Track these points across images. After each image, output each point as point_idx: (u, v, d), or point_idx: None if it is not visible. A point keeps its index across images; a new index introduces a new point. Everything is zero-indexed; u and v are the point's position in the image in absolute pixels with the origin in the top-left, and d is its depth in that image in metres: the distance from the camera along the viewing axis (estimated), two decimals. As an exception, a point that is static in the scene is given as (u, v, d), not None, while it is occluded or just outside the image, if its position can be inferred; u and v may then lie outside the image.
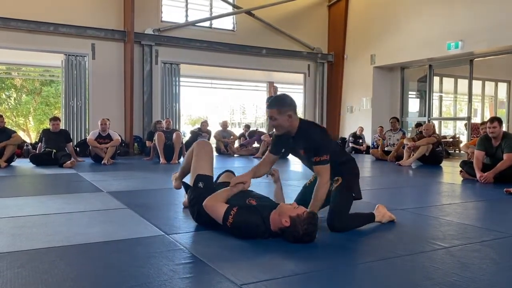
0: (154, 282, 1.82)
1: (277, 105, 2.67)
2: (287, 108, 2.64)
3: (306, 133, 2.68)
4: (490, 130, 5.30)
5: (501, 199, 4.17)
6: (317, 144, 2.64)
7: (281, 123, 2.67)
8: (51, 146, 7.23)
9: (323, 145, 2.65)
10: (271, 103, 2.71)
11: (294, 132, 2.71)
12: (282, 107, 2.65)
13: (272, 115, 2.67)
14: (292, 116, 2.66)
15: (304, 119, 2.81)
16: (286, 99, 2.72)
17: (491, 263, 2.16)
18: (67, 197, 3.95)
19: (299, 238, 2.37)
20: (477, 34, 8.82)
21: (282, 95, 2.81)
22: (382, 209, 2.98)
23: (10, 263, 2.05)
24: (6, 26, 8.65)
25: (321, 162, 2.62)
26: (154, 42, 10.10)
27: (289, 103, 2.68)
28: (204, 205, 2.59)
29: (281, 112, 2.64)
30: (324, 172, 2.64)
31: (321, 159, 2.61)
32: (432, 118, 10.72)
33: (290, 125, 2.68)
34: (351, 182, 2.80)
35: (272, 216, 2.46)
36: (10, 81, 16.91)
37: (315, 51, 12.25)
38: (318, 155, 2.62)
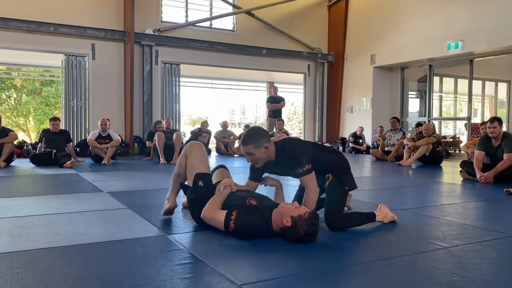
0: (154, 282, 1.82)
1: (252, 141, 2.64)
2: (262, 141, 2.63)
3: (284, 153, 2.68)
4: (490, 130, 5.29)
5: (501, 199, 4.16)
6: (297, 158, 2.65)
7: (259, 156, 2.66)
8: (51, 147, 7.23)
9: (303, 157, 2.64)
10: (245, 140, 2.66)
11: (273, 158, 2.71)
12: (257, 141, 2.63)
13: (249, 151, 2.66)
14: (268, 147, 2.65)
15: (278, 143, 2.77)
16: (259, 133, 2.69)
17: (491, 263, 2.16)
18: (67, 197, 3.95)
19: (300, 238, 2.37)
20: (477, 34, 8.82)
21: (254, 130, 2.77)
22: (384, 209, 2.97)
23: (10, 264, 2.05)
24: (6, 26, 8.65)
25: (304, 172, 2.63)
26: (154, 42, 10.10)
27: (263, 136, 2.67)
28: (203, 217, 2.60)
29: (257, 146, 2.63)
30: (309, 182, 2.66)
31: (303, 169, 2.62)
32: (432, 118, 10.72)
33: (268, 156, 2.68)
34: (341, 175, 2.78)
35: (274, 215, 2.47)
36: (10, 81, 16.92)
37: (315, 51, 12.26)
38: (300, 167, 2.62)
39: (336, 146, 12.00)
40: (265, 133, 2.71)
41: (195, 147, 2.95)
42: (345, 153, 11.24)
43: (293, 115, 28.26)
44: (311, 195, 2.65)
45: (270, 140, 2.69)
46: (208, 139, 10.23)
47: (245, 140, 2.66)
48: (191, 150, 2.90)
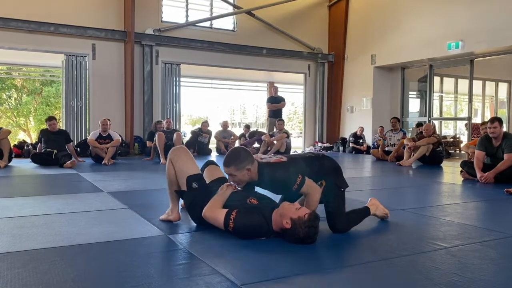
0: (154, 282, 1.83)
1: (234, 163, 2.61)
2: (244, 164, 2.60)
3: (268, 178, 2.64)
4: (490, 130, 5.29)
5: (501, 199, 4.16)
6: (284, 180, 2.60)
7: (241, 178, 2.64)
8: (51, 146, 7.23)
9: (290, 176, 2.58)
10: (227, 162, 2.64)
11: (256, 179, 2.68)
12: (239, 164, 2.60)
13: (231, 172, 2.64)
14: (250, 169, 2.62)
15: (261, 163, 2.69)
16: (241, 155, 2.65)
17: (491, 263, 2.16)
18: (68, 197, 3.96)
19: (299, 240, 2.37)
20: (478, 34, 8.81)
21: (237, 151, 2.72)
22: (375, 201, 3.02)
23: (10, 264, 2.05)
24: (7, 26, 8.65)
25: (300, 185, 2.57)
26: (155, 42, 10.10)
27: (245, 158, 2.62)
28: (204, 216, 2.60)
29: (239, 168, 2.60)
30: (310, 188, 2.61)
31: (297, 184, 2.56)
32: (433, 118, 10.71)
33: (250, 177, 2.65)
34: (335, 178, 2.75)
35: (274, 216, 2.47)
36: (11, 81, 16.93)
37: (315, 51, 12.26)
38: (293, 183, 2.56)
39: (336, 146, 12.00)
40: (247, 155, 2.65)
41: (178, 151, 2.92)
42: (345, 153, 11.24)
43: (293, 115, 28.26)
44: (314, 195, 2.62)
45: (253, 161, 2.65)
46: (208, 139, 10.24)
47: (227, 162, 2.64)
48: (175, 156, 2.86)
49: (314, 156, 2.91)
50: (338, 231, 2.67)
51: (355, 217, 2.83)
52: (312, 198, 2.60)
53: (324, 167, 2.77)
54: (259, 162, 2.70)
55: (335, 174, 2.77)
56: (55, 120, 7.71)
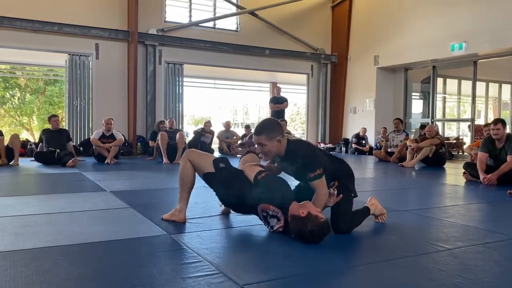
0: (157, 281, 1.83)
1: (265, 132, 2.62)
2: (275, 134, 2.60)
3: (295, 154, 2.65)
4: (493, 132, 5.27)
5: (504, 201, 4.15)
6: (308, 162, 2.61)
7: (270, 149, 2.63)
8: (53, 146, 7.26)
9: (314, 161, 2.61)
10: (258, 130, 2.65)
11: (283, 154, 2.68)
12: (270, 133, 2.60)
13: (261, 141, 2.63)
14: (281, 141, 2.62)
15: (291, 140, 2.75)
16: (273, 125, 2.68)
17: (494, 265, 2.15)
18: (70, 196, 3.96)
19: (302, 233, 2.39)
20: (481, 35, 8.79)
21: (268, 121, 2.76)
22: (374, 201, 3.02)
23: (13, 262, 2.06)
24: (11, 25, 8.68)
25: (316, 177, 2.59)
26: (158, 42, 10.11)
27: (277, 128, 2.65)
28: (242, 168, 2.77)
29: (270, 138, 2.60)
30: (321, 186, 2.62)
31: (315, 174, 2.58)
32: (436, 119, 10.69)
33: (278, 150, 2.64)
34: (347, 182, 2.80)
35: (293, 204, 2.52)
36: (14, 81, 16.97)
37: (318, 51, 12.25)
38: (312, 171, 2.58)
39: (339, 147, 11.98)
40: (278, 126, 2.67)
41: (193, 150, 3.00)
42: (348, 154, 11.23)
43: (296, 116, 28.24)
44: (321, 198, 2.62)
45: (284, 135, 2.66)
46: (211, 139, 10.24)
47: (258, 130, 2.64)
48: (192, 154, 2.90)
49: (336, 157, 2.95)
50: (341, 232, 2.67)
51: (357, 218, 2.83)
52: (320, 196, 2.61)
53: (341, 169, 2.82)
54: (288, 138, 2.71)
55: (349, 180, 2.82)
56: (58, 117, 7.77)
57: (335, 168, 2.77)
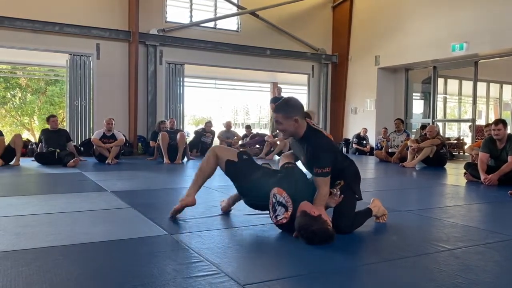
0: (157, 281, 1.83)
1: (283, 109, 2.62)
2: (294, 113, 2.60)
3: (309, 141, 2.63)
4: (494, 132, 5.27)
5: (505, 202, 4.15)
6: (319, 156, 2.58)
7: (287, 127, 2.63)
8: (52, 146, 7.26)
9: (325, 157, 2.58)
10: (277, 107, 2.66)
11: (299, 137, 2.67)
12: (288, 112, 2.60)
13: (278, 119, 2.64)
14: (298, 121, 2.60)
15: (312, 126, 2.71)
16: (293, 104, 2.66)
17: (495, 266, 2.15)
18: (71, 196, 3.97)
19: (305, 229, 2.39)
20: (482, 35, 8.78)
21: (290, 99, 2.73)
22: (377, 202, 3.02)
23: (14, 262, 2.06)
24: (12, 25, 8.69)
25: (322, 174, 2.57)
26: (159, 42, 10.12)
27: (297, 108, 2.63)
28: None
29: (287, 117, 2.59)
30: (323, 185, 2.60)
31: (322, 171, 2.56)
32: (437, 119, 10.68)
33: (295, 130, 2.63)
34: (353, 184, 2.79)
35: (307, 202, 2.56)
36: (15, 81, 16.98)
37: (319, 52, 12.24)
38: (319, 166, 2.57)
39: (339, 147, 11.98)
40: (299, 107, 2.65)
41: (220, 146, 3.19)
42: (349, 154, 11.22)
43: (296, 116, 28.13)
44: (321, 198, 2.62)
45: (304, 117, 2.64)
46: (211, 139, 10.24)
47: (278, 107, 2.66)
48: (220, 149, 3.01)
49: (348, 157, 2.96)
50: (341, 232, 2.66)
51: (359, 219, 2.82)
52: (321, 195, 2.61)
53: (350, 170, 2.83)
54: (310, 126, 2.69)
55: (355, 181, 2.82)
56: (57, 117, 7.77)
57: (344, 166, 2.77)
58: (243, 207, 3.47)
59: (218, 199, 3.93)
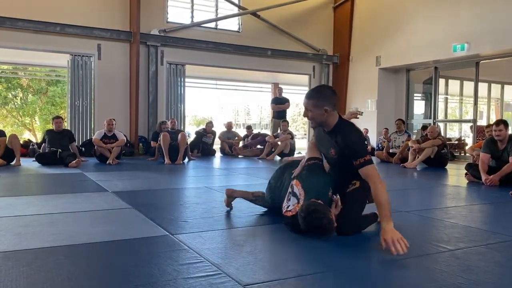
0: (158, 282, 1.83)
1: (313, 97, 2.52)
2: (325, 102, 2.48)
3: (343, 133, 2.52)
4: (496, 133, 5.27)
5: (506, 202, 4.14)
6: (356, 146, 2.47)
7: (315, 116, 2.52)
8: (55, 146, 7.27)
9: (363, 147, 2.49)
10: (309, 93, 2.56)
11: (330, 128, 2.56)
12: (319, 100, 2.49)
13: (307, 106, 2.53)
14: (328, 111, 2.49)
15: (343, 118, 2.61)
16: (325, 92, 2.55)
17: (496, 266, 2.15)
18: (72, 197, 3.97)
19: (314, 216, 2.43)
20: (483, 36, 8.77)
21: (323, 87, 2.64)
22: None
23: (15, 262, 2.07)
24: (14, 26, 8.70)
25: (365, 163, 2.43)
26: (160, 43, 10.12)
27: (329, 98, 2.52)
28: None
29: (317, 105, 2.48)
30: (372, 173, 2.43)
31: (364, 159, 2.43)
32: (438, 120, 10.67)
33: (325, 120, 2.53)
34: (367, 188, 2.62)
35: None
36: (17, 81, 17.02)
37: (320, 52, 12.24)
38: (360, 156, 2.44)
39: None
40: (332, 97, 2.54)
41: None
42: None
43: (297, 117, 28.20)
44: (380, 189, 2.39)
45: (335, 107, 2.53)
46: (212, 139, 10.25)
47: (309, 94, 2.56)
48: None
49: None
50: (344, 233, 2.65)
51: (363, 223, 2.77)
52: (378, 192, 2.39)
53: None
54: (342, 116, 2.62)
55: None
56: (61, 119, 7.76)
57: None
58: (244, 207, 3.48)
59: (218, 200, 3.94)
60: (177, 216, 3.22)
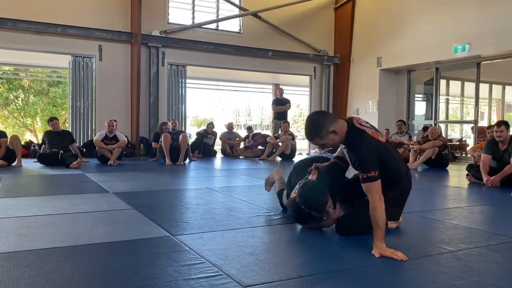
0: (159, 283, 1.83)
1: (315, 134, 2.44)
2: (325, 129, 2.39)
3: (351, 144, 2.45)
4: (497, 134, 5.27)
5: (507, 203, 4.14)
6: (363, 160, 2.36)
7: (332, 143, 2.46)
8: (55, 147, 7.27)
9: (367, 160, 2.34)
10: (308, 136, 2.49)
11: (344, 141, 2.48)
12: (320, 132, 2.41)
13: (319, 143, 2.47)
14: (336, 131, 2.40)
15: (355, 127, 2.47)
16: (319, 121, 2.45)
17: (497, 267, 2.15)
18: (73, 198, 3.97)
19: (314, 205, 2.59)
20: (484, 37, 8.77)
21: (312, 119, 2.52)
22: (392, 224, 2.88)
23: (16, 263, 2.07)
24: (15, 27, 8.72)
25: (369, 179, 2.33)
26: (161, 44, 10.13)
27: (324, 122, 2.42)
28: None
29: (323, 136, 2.41)
30: (373, 191, 2.33)
31: (368, 175, 2.32)
32: (439, 121, 10.67)
33: (339, 138, 2.43)
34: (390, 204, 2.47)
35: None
36: (18, 82, 17.05)
37: (321, 53, 12.24)
38: (365, 171, 2.33)
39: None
40: (325, 117, 2.47)
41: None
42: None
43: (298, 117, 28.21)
44: (376, 208, 2.31)
45: (335, 121, 2.44)
46: (213, 140, 10.25)
47: (308, 136, 2.50)
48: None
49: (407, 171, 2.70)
50: (344, 234, 2.65)
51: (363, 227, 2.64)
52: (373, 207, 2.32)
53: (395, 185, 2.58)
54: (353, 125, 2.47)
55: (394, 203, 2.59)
56: (56, 120, 7.75)
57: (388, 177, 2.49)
58: (245, 208, 3.48)
59: (219, 201, 3.95)
60: (178, 217, 3.22)
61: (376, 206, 2.31)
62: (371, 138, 2.45)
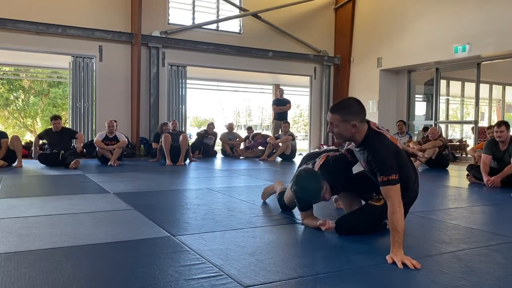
0: (159, 283, 1.83)
1: (341, 112, 2.31)
2: (352, 117, 2.29)
3: (370, 147, 2.35)
4: (497, 134, 5.27)
5: (508, 203, 4.14)
6: (383, 163, 2.26)
7: (342, 132, 2.33)
8: (56, 147, 7.25)
9: (388, 163, 2.26)
10: (334, 107, 2.35)
11: (358, 142, 2.39)
12: (346, 115, 2.29)
13: (333, 121, 2.33)
14: (356, 126, 2.30)
15: (374, 129, 2.40)
16: (354, 106, 2.33)
17: (498, 268, 2.14)
18: (74, 198, 3.97)
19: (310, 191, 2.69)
20: (485, 37, 8.78)
21: (350, 100, 2.39)
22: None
23: (17, 263, 2.07)
24: (15, 27, 8.73)
25: (389, 182, 2.23)
26: (161, 44, 10.14)
27: (357, 112, 2.32)
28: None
29: (344, 120, 2.29)
30: (393, 195, 2.25)
31: (389, 178, 2.23)
32: (439, 121, 10.67)
33: (353, 135, 2.34)
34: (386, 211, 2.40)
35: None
36: (18, 83, 17.07)
37: (321, 53, 12.25)
38: (384, 174, 2.24)
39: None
40: (360, 111, 2.34)
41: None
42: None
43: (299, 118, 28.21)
44: (395, 213, 2.23)
45: (364, 120, 2.34)
46: (214, 141, 10.25)
47: (334, 108, 2.35)
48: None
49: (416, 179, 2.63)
50: (341, 234, 2.66)
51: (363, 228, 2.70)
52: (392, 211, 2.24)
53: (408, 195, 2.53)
54: (372, 128, 2.39)
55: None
56: (60, 119, 7.73)
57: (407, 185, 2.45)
58: (245, 208, 3.48)
59: (220, 201, 3.94)
60: (178, 218, 3.22)
61: (395, 210, 2.23)
62: (391, 142, 2.40)
